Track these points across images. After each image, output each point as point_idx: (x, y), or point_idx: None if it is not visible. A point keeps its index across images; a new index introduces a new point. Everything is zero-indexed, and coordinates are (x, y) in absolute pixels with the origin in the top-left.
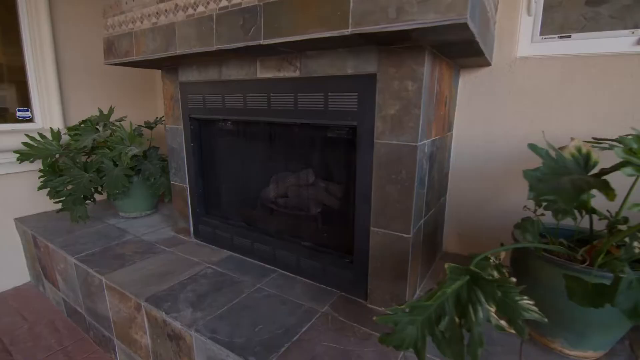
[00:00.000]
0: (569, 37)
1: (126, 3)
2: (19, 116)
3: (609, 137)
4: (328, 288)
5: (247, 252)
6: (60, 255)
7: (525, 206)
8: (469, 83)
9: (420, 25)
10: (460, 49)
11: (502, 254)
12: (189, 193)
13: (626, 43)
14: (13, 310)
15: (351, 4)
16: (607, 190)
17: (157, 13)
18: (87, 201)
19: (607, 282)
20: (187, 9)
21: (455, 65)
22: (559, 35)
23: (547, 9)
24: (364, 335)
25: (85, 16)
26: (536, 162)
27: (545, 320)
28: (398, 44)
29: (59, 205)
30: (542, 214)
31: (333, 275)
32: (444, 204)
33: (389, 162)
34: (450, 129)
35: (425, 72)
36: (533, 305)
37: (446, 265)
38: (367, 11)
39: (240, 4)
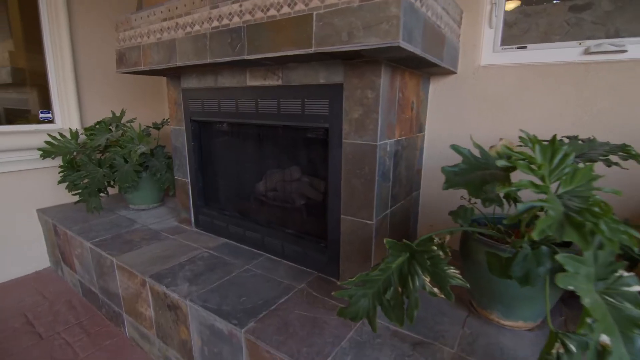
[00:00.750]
0: (525, 47)
1: (135, 20)
2: (41, 118)
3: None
4: (307, 270)
5: (240, 239)
6: (78, 240)
7: (462, 196)
8: (438, 89)
9: (366, 47)
10: (415, 62)
11: (447, 237)
12: (190, 187)
13: (574, 53)
14: (35, 291)
15: (314, 29)
16: (504, 183)
17: (161, 30)
18: (101, 194)
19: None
20: (186, 27)
21: (424, 73)
22: (516, 45)
23: (506, 22)
24: (332, 306)
25: (100, 27)
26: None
27: (468, 285)
28: (358, 59)
29: (77, 198)
30: (475, 203)
31: (311, 258)
32: (417, 197)
33: (355, 159)
34: (421, 130)
35: (382, 82)
36: (458, 274)
37: (385, 240)
38: (326, 35)
39: (228, 25)
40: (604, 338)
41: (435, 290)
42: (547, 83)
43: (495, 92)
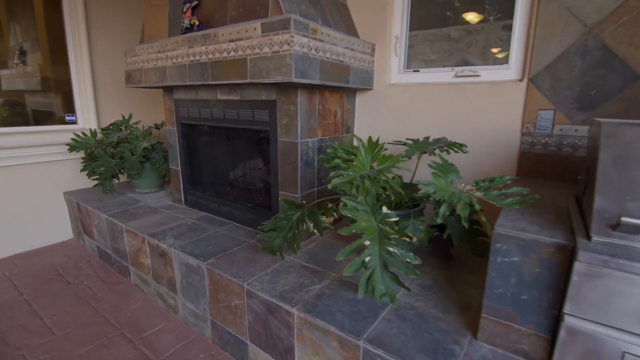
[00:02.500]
0: (418, 71)
1: (138, 50)
2: (67, 120)
3: (426, 137)
4: (258, 231)
5: (216, 212)
6: (96, 214)
7: None
8: (362, 101)
9: (276, 81)
10: (326, 85)
11: (341, 203)
12: (180, 174)
13: (448, 76)
14: (62, 255)
15: (248, 67)
16: (334, 166)
17: (156, 59)
18: (114, 179)
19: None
20: (173, 59)
21: (347, 90)
22: (412, 69)
23: (409, 51)
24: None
25: (113, 47)
26: (398, 150)
27: (332, 227)
28: (283, 85)
29: (95, 182)
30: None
31: (261, 223)
32: None
33: (285, 152)
34: (349, 131)
35: (299, 100)
36: (328, 222)
37: (280, 198)
38: (255, 71)
39: (199, 60)
40: (366, 242)
41: (315, 230)
42: (431, 97)
43: (399, 103)
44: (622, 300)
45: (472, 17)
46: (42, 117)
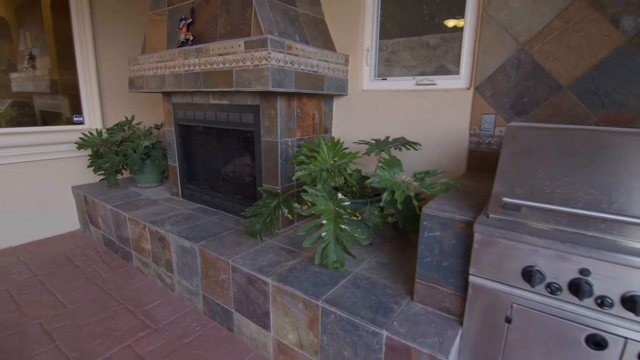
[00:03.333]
0: (386, 79)
1: (140, 59)
2: (75, 120)
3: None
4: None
5: (209, 203)
6: (102, 205)
7: None
8: (339, 105)
9: (257, 89)
10: (302, 92)
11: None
12: (178, 170)
13: (410, 84)
14: (70, 243)
15: (234, 77)
16: (299, 162)
17: (156, 67)
18: (118, 174)
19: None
20: (170, 68)
21: (324, 96)
22: (382, 77)
23: (380, 61)
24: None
25: (117, 54)
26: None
27: (304, 213)
28: (265, 92)
29: (100, 177)
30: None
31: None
32: None
33: (267, 150)
34: (327, 131)
35: (279, 105)
36: (299, 207)
37: (259, 188)
38: (239, 81)
39: (193, 70)
40: (324, 221)
41: (289, 216)
42: (396, 102)
43: (370, 107)
44: (508, 262)
45: (452, 23)
46: (49, 118)
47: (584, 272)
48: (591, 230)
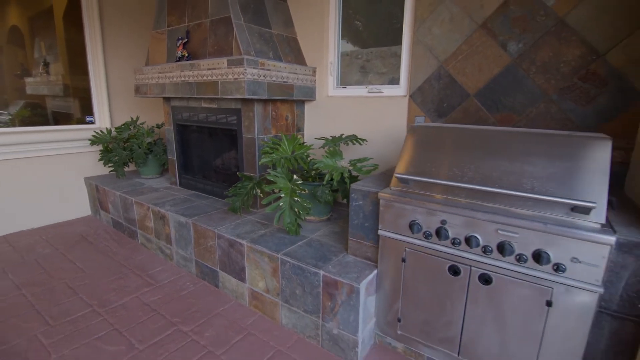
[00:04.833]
0: (345, 87)
1: (144, 70)
2: (87, 120)
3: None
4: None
5: (202, 190)
6: (112, 192)
7: None
8: (309, 108)
9: (236, 97)
10: (275, 99)
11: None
12: (176, 163)
13: (363, 92)
14: (84, 225)
15: (219, 87)
16: (267, 155)
17: (158, 77)
18: (125, 167)
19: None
20: (170, 78)
21: (296, 101)
22: (342, 86)
23: (342, 72)
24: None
25: (124, 62)
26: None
27: (262, 196)
28: (245, 99)
29: (110, 169)
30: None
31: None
32: None
33: (247, 145)
34: (299, 130)
35: (256, 108)
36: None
37: (238, 173)
38: (224, 90)
39: (188, 80)
40: (282, 195)
41: (261, 194)
42: (353, 107)
43: (333, 110)
44: (400, 219)
45: None
46: (61, 118)
47: (443, 222)
48: (450, 195)
